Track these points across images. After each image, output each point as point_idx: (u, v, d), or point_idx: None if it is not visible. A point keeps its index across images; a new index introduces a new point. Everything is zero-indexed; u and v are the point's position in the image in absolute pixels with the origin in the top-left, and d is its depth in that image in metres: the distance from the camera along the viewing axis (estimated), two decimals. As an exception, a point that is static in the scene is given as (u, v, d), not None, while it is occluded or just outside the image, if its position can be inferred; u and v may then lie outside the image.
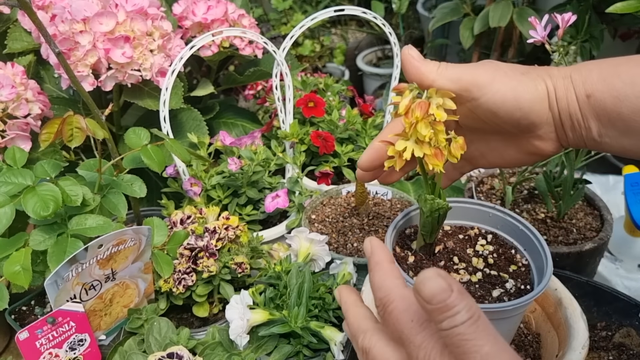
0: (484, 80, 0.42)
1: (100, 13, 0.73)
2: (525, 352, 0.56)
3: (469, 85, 0.42)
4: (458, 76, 0.42)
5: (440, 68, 0.42)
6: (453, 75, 0.42)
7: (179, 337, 0.63)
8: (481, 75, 0.42)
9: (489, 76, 0.42)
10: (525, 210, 0.79)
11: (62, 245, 0.59)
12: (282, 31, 1.65)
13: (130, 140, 0.68)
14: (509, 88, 0.42)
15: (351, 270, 0.67)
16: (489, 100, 0.42)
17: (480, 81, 0.42)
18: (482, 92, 0.42)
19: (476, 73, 0.42)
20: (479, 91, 0.42)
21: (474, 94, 0.42)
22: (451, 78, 0.42)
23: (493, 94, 0.42)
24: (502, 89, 0.42)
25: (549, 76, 0.43)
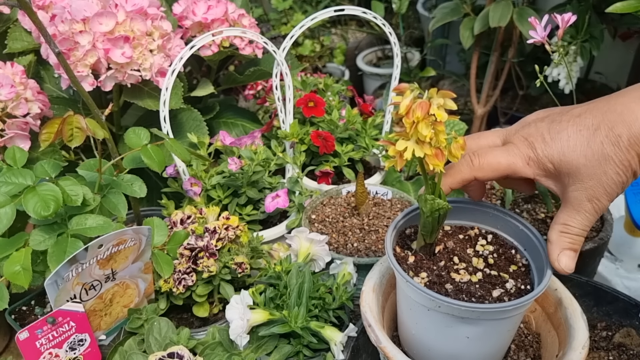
0: (522, 169, 0.45)
1: (100, 13, 0.73)
2: (525, 352, 0.56)
3: (509, 173, 0.46)
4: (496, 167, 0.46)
5: (475, 164, 0.47)
6: (493, 166, 0.46)
7: (179, 337, 0.63)
8: (520, 164, 0.45)
9: (577, 163, 0.42)
10: (525, 210, 0.79)
11: (62, 245, 0.59)
12: (282, 31, 1.65)
13: (130, 140, 0.68)
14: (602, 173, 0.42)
15: (351, 270, 0.67)
16: (582, 188, 0.43)
17: (518, 170, 0.45)
18: (524, 174, 0.46)
19: (515, 163, 0.45)
20: (519, 175, 0.46)
21: (514, 176, 0.46)
22: (492, 169, 0.46)
23: (588, 187, 0.43)
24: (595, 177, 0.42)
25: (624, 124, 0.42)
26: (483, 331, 0.47)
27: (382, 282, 0.58)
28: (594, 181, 0.42)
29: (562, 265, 0.46)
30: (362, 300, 0.55)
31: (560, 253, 0.46)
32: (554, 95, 0.72)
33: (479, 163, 0.47)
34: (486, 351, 0.51)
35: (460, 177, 0.48)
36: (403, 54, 1.39)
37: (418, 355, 0.53)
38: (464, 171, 0.47)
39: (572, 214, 0.45)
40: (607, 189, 0.42)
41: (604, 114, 0.42)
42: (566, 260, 0.46)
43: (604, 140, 0.41)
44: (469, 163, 0.47)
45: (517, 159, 0.45)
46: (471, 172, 0.47)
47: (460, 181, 0.48)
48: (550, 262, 0.46)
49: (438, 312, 0.47)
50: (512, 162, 0.45)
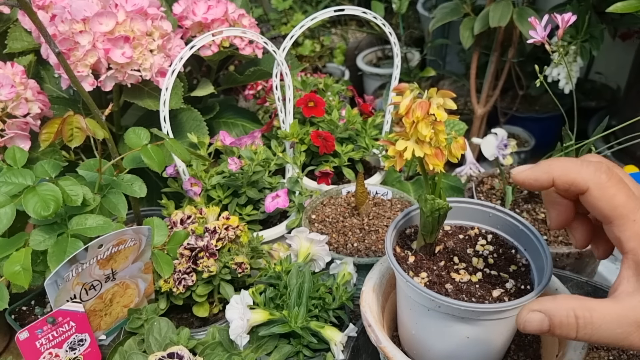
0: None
1: (100, 13, 0.73)
2: (525, 352, 0.56)
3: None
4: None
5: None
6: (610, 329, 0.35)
7: (179, 337, 0.63)
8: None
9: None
10: (525, 210, 0.79)
11: (62, 245, 0.59)
12: (282, 31, 1.65)
13: (130, 140, 0.68)
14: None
15: (351, 270, 0.67)
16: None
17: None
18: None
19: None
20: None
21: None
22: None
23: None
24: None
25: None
26: (483, 331, 0.47)
27: (382, 282, 0.58)
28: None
29: (522, 320, 0.37)
30: (362, 300, 0.55)
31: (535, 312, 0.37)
32: (554, 96, 0.72)
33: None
34: (486, 351, 0.51)
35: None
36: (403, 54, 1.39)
37: (418, 355, 0.53)
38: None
39: (608, 310, 0.35)
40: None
41: None
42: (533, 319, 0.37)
43: None
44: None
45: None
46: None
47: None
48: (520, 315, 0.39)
49: (438, 312, 0.47)
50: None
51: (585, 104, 1.49)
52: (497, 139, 0.89)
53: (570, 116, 0.72)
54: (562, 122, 0.72)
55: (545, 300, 0.37)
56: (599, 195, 0.37)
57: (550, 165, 0.39)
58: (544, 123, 1.48)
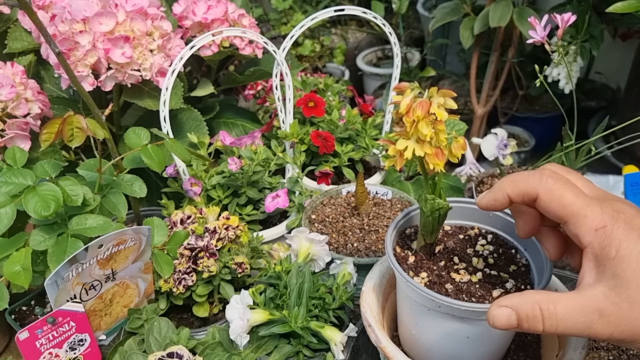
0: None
1: (100, 13, 0.73)
2: (525, 352, 0.56)
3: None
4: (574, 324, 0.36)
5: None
6: (569, 323, 0.36)
7: (179, 337, 0.63)
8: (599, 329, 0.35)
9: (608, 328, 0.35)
10: (525, 210, 0.79)
11: (62, 245, 0.59)
12: (282, 31, 1.65)
13: (130, 140, 0.68)
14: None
15: (351, 270, 0.67)
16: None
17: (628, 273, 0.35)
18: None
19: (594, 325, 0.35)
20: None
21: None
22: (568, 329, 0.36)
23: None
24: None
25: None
26: (483, 331, 0.47)
27: (382, 282, 0.58)
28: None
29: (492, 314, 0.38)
30: (362, 300, 0.55)
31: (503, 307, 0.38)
32: (554, 96, 0.72)
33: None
34: (486, 351, 0.51)
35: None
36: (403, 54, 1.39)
37: (418, 355, 0.53)
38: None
39: (571, 301, 0.36)
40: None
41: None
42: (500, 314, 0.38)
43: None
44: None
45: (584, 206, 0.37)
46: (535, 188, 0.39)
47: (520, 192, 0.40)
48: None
49: (438, 312, 0.47)
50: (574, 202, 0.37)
51: (585, 104, 1.49)
52: (497, 139, 0.89)
53: (570, 116, 0.72)
54: (562, 122, 0.72)
55: (512, 296, 0.38)
56: (548, 198, 0.38)
57: (502, 183, 0.41)
58: (544, 123, 1.48)
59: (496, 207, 0.42)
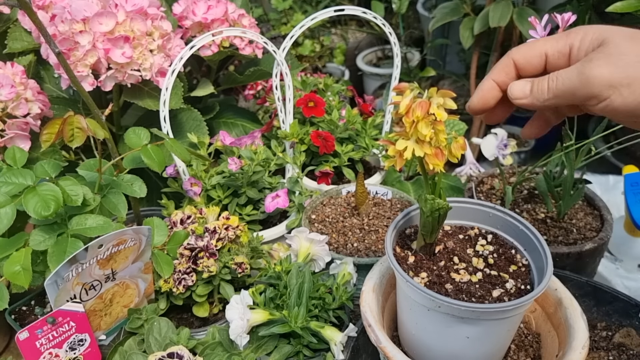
0: (600, 92, 0.37)
1: (100, 13, 0.73)
2: (525, 352, 0.56)
3: (585, 101, 0.38)
4: (572, 93, 0.38)
5: (551, 89, 0.39)
6: (567, 93, 0.38)
7: (179, 337, 0.63)
8: (599, 76, 0.36)
9: (607, 84, 0.36)
10: (525, 210, 0.79)
11: (62, 245, 0.59)
12: (282, 31, 1.65)
13: (130, 140, 0.68)
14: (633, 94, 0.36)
15: (351, 270, 0.67)
16: (608, 107, 0.37)
17: (598, 94, 0.37)
18: (598, 101, 0.37)
19: (592, 85, 0.37)
20: (597, 100, 0.37)
21: (591, 103, 0.38)
22: (565, 96, 0.39)
23: (613, 101, 0.37)
24: (624, 95, 0.36)
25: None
26: (483, 331, 0.47)
27: (382, 282, 0.58)
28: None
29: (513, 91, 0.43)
30: (362, 300, 0.55)
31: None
32: (554, 95, 0.72)
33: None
34: (486, 351, 0.51)
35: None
36: (403, 54, 1.39)
37: (418, 355, 0.53)
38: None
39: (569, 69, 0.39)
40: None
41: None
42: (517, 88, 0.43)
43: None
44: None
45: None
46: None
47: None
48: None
49: (438, 312, 0.47)
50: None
51: (585, 104, 1.49)
52: (497, 139, 0.89)
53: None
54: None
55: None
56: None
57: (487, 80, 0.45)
58: (544, 123, 1.47)
59: (487, 100, 0.45)
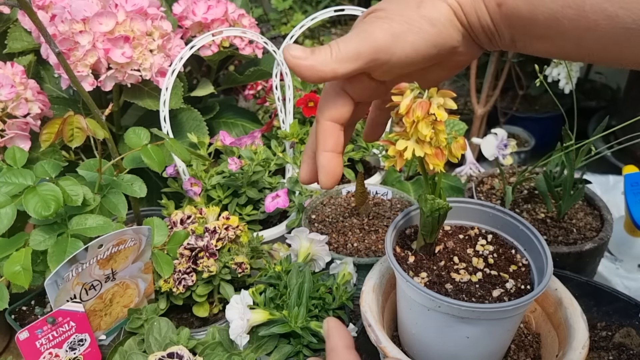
0: (385, 42, 0.38)
1: (100, 13, 0.73)
2: (525, 352, 0.56)
3: (372, 55, 0.38)
4: (357, 52, 0.38)
5: (334, 53, 0.38)
6: (351, 54, 0.38)
7: (179, 337, 0.63)
8: (380, 39, 0.38)
9: (389, 35, 0.38)
10: (525, 210, 0.79)
11: (62, 245, 0.59)
12: (282, 31, 1.65)
13: (130, 140, 0.68)
14: (416, 33, 0.38)
15: (351, 270, 0.67)
16: (400, 57, 0.39)
17: (383, 45, 0.38)
18: (390, 54, 0.39)
19: (373, 39, 0.38)
20: (385, 55, 0.39)
21: (381, 60, 0.39)
22: (350, 58, 0.38)
23: (401, 51, 0.39)
24: (409, 40, 0.38)
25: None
26: (483, 331, 0.47)
27: (382, 282, 0.58)
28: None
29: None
30: (362, 300, 0.55)
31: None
32: (554, 96, 0.72)
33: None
34: (486, 351, 0.51)
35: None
36: (403, 54, 1.39)
37: (418, 355, 0.53)
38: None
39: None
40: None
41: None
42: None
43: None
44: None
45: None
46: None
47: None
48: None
49: (438, 312, 0.47)
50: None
51: (585, 104, 1.49)
52: (497, 139, 0.89)
53: (570, 116, 0.72)
54: (562, 122, 0.72)
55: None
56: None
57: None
58: (544, 123, 1.48)
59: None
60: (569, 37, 0.37)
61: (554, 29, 0.37)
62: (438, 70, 0.44)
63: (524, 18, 0.38)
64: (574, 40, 0.37)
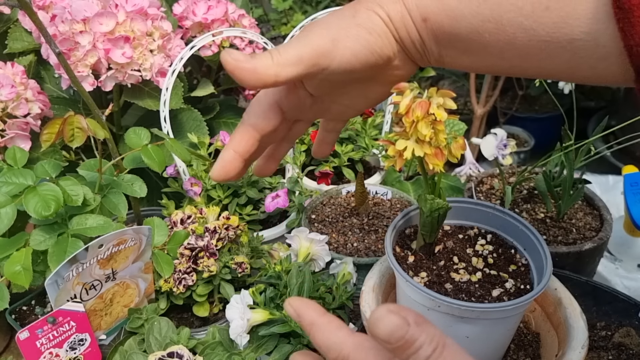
0: (325, 47, 0.39)
1: (100, 13, 0.73)
2: (525, 352, 0.56)
3: (314, 59, 0.39)
4: (298, 56, 0.39)
5: (276, 58, 0.38)
6: (293, 58, 0.38)
7: (179, 337, 0.63)
8: (321, 44, 0.39)
9: (328, 40, 0.39)
10: (524, 210, 0.79)
11: (63, 245, 0.59)
12: (282, 31, 1.65)
13: (130, 140, 0.68)
14: (354, 39, 0.39)
15: (351, 270, 0.67)
16: (340, 63, 0.39)
17: (323, 50, 0.39)
18: (330, 59, 0.39)
19: (314, 44, 0.39)
20: (326, 60, 0.39)
21: (322, 65, 0.39)
22: (293, 62, 0.38)
23: (341, 56, 0.39)
24: (348, 45, 0.39)
25: (380, 5, 0.40)
26: (483, 331, 0.48)
27: (382, 281, 0.58)
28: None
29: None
30: (362, 300, 0.55)
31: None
32: (553, 96, 0.72)
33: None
34: (486, 351, 0.51)
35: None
36: (403, 54, 1.39)
37: (418, 354, 0.53)
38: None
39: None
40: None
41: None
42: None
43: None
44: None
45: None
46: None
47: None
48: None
49: (438, 312, 0.47)
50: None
51: (584, 104, 1.49)
52: (496, 139, 0.89)
53: (570, 116, 0.72)
54: (561, 122, 0.72)
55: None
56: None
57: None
58: (543, 123, 1.48)
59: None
60: (491, 50, 0.38)
61: (477, 42, 0.38)
62: (376, 86, 0.44)
63: (448, 33, 0.39)
64: (496, 54, 0.38)
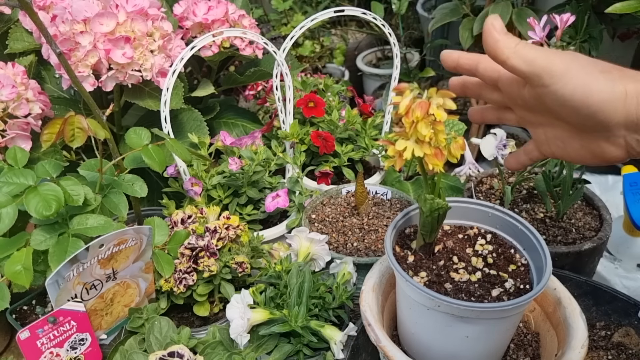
0: (557, 69, 0.40)
1: (100, 14, 0.73)
2: (524, 352, 0.56)
3: (542, 71, 0.41)
4: (532, 58, 0.41)
5: (518, 46, 0.41)
6: (528, 56, 0.41)
7: (179, 336, 0.63)
8: (556, 64, 0.41)
9: (564, 66, 0.40)
10: (524, 210, 0.79)
11: (64, 245, 0.59)
12: (282, 32, 1.65)
13: (131, 140, 0.68)
14: (581, 83, 0.40)
15: (351, 270, 0.67)
16: (558, 90, 0.41)
17: (554, 69, 0.40)
18: (553, 81, 0.41)
19: (551, 60, 0.41)
20: (550, 79, 0.41)
21: (544, 81, 0.41)
22: (525, 59, 0.41)
23: (563, 85, 0.40)
24: (573, 82, 0.40)
25: (635, 80, 0.40)
26: (482, 330, 0.48)
27: (381, 281, 0.58)
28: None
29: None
30: (362, 299, 0.55)
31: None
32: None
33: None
34: (485, 350, 0.51)
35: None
36: (402, 55, 1.39)
37: (418, 354, 0.53)
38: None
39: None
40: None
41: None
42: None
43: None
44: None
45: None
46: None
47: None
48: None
49: (437, 312, 0.47)
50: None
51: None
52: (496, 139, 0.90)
53: (570, 116, 0.72)
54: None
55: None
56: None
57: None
58: (543, 123, 1.47)
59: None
60: None
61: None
62: (578, 144, 0.44)
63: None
64: None
